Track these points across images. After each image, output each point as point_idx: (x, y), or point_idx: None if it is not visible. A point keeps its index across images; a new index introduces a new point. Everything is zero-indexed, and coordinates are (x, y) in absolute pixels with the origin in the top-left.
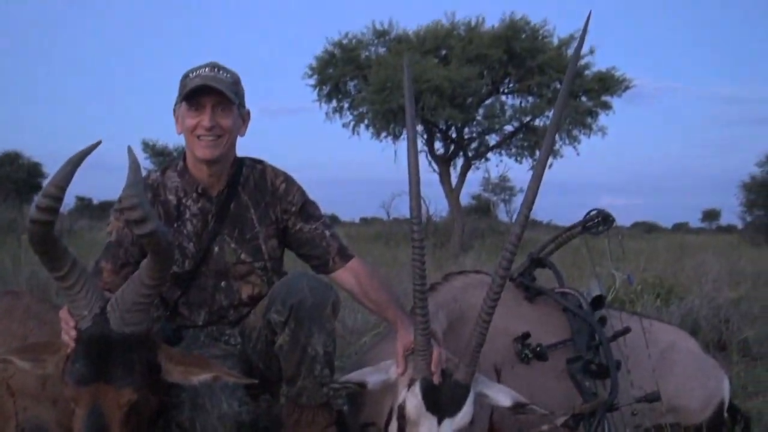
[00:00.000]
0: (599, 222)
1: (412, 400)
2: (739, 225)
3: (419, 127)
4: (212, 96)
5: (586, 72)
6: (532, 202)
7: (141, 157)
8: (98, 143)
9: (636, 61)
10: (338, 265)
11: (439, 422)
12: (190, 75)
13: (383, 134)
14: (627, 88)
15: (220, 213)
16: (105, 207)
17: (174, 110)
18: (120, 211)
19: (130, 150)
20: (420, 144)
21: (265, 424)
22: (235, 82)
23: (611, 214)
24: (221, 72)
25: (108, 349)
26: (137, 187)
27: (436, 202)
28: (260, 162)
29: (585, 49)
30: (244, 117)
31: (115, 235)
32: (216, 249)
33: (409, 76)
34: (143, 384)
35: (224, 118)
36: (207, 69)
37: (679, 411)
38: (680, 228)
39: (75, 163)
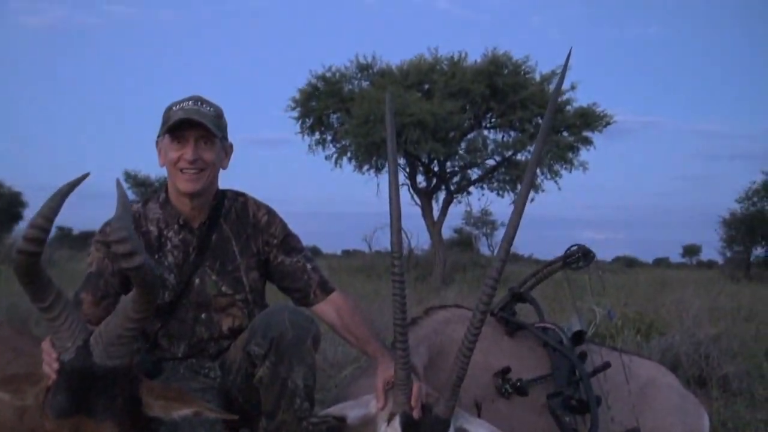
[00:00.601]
0: (579, 257)
1: None
2: (720, 260)
3: (401, 161)
4: (195, 129)
5: (567, 107)
6: (513, 237)
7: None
8: (86, 175)
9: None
10: (319, 298)
11: None
12: (174, 108)
13: (366, 167)
14: (608, 123)
15: (202, 245)
16: (85, 237)
17: (156, 142)
18: (101, 243)
19: (118, 183)
20: (402, 177)
21: None
22: (218, 116)
23: (591, 250)
24: (204, 105)
25: (90, 382)
26: (126, 220)
27: (418, 236)
28: (242, 195)
29: (566, 85)
30: (227, 150)
31: (95, 266)
32: (197, 281)
33: (391, 111)
34: (124, 418)
35: (207, 152)
36: (190, 102)
37: None
38: (661, 263)
39: (63, 194)
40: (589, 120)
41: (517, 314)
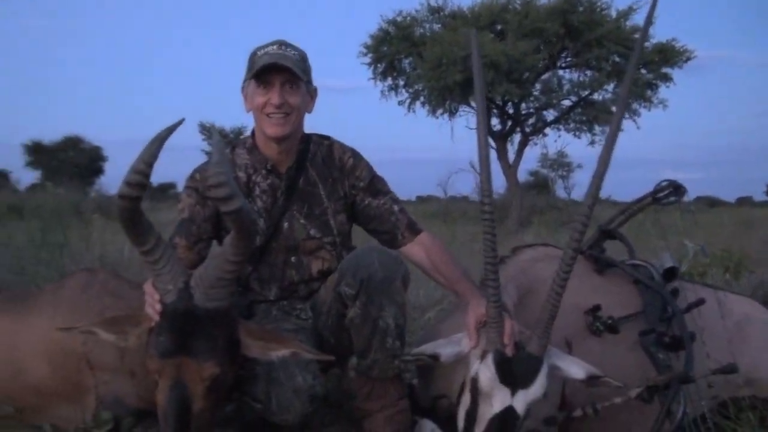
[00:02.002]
0: (670, 192)
1: (486, 372)
2: None
3: (473, 102)
4: (281, 74)
5: (646, 44)
6: (604, 174)
7: (198, 139)
8: (182, 121)
9: (688, 28)
10: (407, 239)
11: (513, 394)
12: (258, 53)
13: (439, 111)
14: (688, 59)
15: (289, 189)
16: (164, 189)
17: (242, 88)
18: (192, 189)
19: (214, 129)
20: (475, 120)
21: (336, 397)
22: (303, 59)
23: (682, 185)
24: (288, 49)
25: (192, 324)
26: (224, 165)
27: (494, 179)
28: (327, 138)
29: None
30: (312, 94)
31: (187, 212)
32: (285, 225)
33: (477, 50)
34: (224, 358)
35: (293, 96)
36: (275, 47)
37: (756, 383)
38: (744, 202)
39: (161, 139)
40: (669, 56)
41: (606, 252)
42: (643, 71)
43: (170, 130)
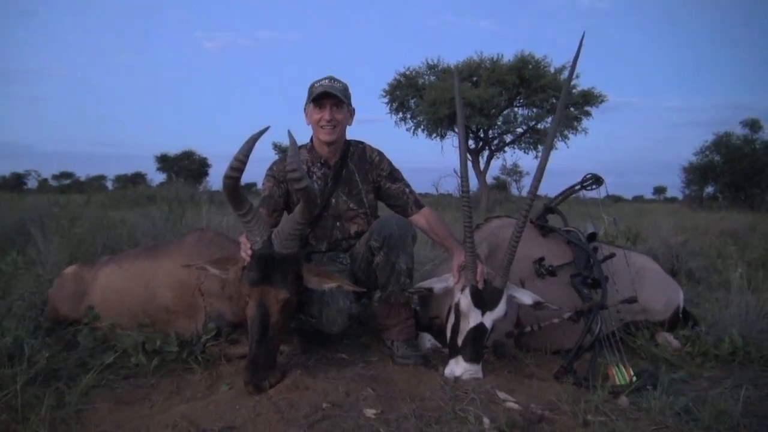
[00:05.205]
0: (593, 182)
1: (464, 299)
2: (680, 197)
3: (457, 129)
4: (330, 99)
5: (573, 90)
6: (540, 177)
7: (271, 153)
8: (267, 128)
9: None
10: (414, 211)
11: (483, 314)
12: (315, 84)
13: (434, 135)
14: (602, 101)
15: (336, 177)
16: (248, 186)
17: (304, 109)
18: (271, 176)
19: (290, 133)
20: (457, 140)
21: (365, 317)
22: (345, 89)
23: (602, 176)
24: (336, 82)
25: (272, 264)
26: (297, 158)
27: (470, 181)
28: (361, 142)
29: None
30: (352, 113)
31: (267, 191)
32: (333, 201)
33: (458, 86)
34: (293, 288)
35: (338, 114)
36: (326, 80)
37: (648, 311)
38: (638, 199)
39: (253, 140)
40: (589, 99)
41: (548, 222)
42: (572, 109)
43: (260, 133)
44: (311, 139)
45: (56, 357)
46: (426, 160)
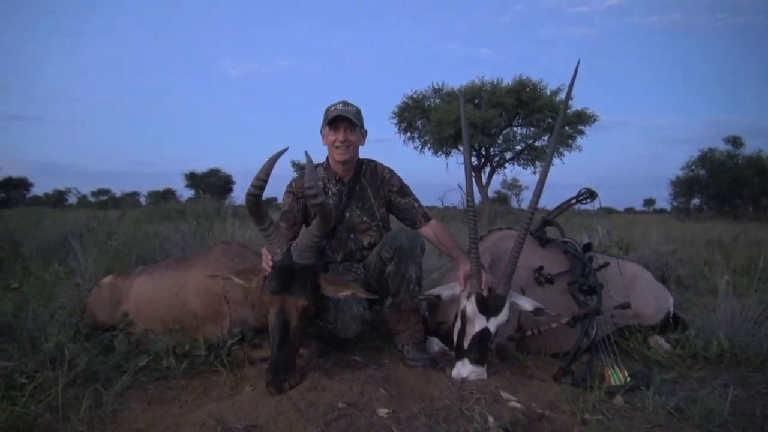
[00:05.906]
0: (588, 196)
1: (470, 306)
2: (669, 208)
3: (461, 148)
4: (344, 121)
5: (569, 111)
6: (541, 190)
7: (290, 170)
8: (286, 149)
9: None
10: (423, 224)
11: (487, 320)
12: (330, 108)
13: (439, 153)
14: (595, 121)
15: (350, 192)
16: (269, 201)
17: (321, 131)
18: (290, 192)
19: (307, 154)
20: (461, 157)
21: (377, 323)
22: (358, 112)
23: (596, 191)
24: (349, 106)
25: (291, 274)
26: (314, 175)
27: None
28: (373, 161)
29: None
30: (364, 134)
31: (287, 206)
32: (347, 214)
33: (463, 108)
34: (311, 296)
35: (352, 135)
36: (341, 105)
37: (641, 316)
38: (629, 211)
39: (273, 159)
40: (583, 118)
41: (547, 233)
42: (567, 128)
43: (280, 153)
44: (327, 158)
45: (94, 360)
46: (432, 175)
